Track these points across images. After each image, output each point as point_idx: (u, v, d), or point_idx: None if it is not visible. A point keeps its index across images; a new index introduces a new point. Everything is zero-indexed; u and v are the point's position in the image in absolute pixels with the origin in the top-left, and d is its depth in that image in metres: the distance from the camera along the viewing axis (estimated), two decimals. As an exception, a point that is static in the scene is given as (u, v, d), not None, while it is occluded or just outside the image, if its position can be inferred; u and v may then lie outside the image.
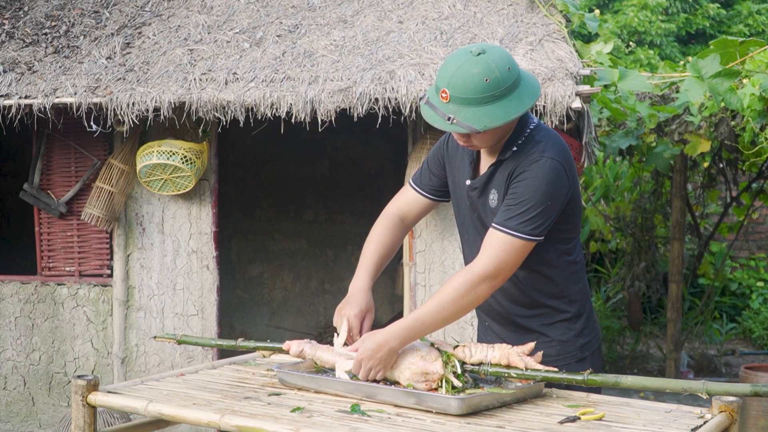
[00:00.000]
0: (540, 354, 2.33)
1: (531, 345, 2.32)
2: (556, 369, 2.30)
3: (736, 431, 2.11)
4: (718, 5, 12.56)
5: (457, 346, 2.35)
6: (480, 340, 2.76)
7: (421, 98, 2.41)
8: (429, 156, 2.72)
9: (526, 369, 2.26)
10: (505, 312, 2.60)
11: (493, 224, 2.40)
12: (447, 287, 2.37)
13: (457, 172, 2.60)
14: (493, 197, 2.48)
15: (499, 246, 2.36)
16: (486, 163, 2.53)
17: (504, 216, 2.38)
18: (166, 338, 2.73)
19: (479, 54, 2.31)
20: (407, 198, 2.74)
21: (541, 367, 2.28)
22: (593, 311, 2.68)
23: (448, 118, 2.32)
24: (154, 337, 2.88)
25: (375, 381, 2.34)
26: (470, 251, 2.63)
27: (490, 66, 2.30)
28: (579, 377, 2.24)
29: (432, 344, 2.37)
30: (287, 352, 2.56)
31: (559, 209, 2.42)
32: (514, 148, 2.44)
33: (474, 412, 2.14)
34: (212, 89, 4.70)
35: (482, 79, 2.29)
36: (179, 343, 2.73)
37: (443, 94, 2.32)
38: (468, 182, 2.55)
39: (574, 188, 2.48)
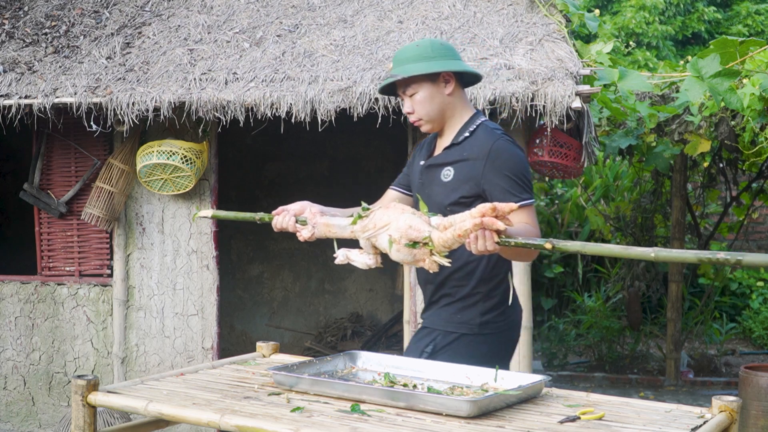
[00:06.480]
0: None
1: (513, 206, 2.27)
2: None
3: (736, 431, 2.11)
4: (714, 8, 12.56)
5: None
6: (417, 343, 2.87)
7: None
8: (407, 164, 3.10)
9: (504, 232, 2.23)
10: (462, 292, 2.80)
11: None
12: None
13: (416, 166, 2.95)
14: (447, 173, 2.78)
15: (531, 217, 2.65)
16: (441, 149, 2.88)
17: (514, 196, 2.63)
18: (203, 215, 2.89)
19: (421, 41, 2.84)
20: (386, 197, 3.06)
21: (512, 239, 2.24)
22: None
23: (391, 76, 2.74)
24: (193, 217, 3.13)
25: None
26: None
27: (426, 40, 2.79)
28: (543, 241, 2.18)
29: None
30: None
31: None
32: (467, 134, 2.79)
33: (483, 414, 2.12)
34: (212, 89, 4.70)
35: (418, 44, 2.76)
36: (213, 217, 2.91)
37: (389, 67, 2.80)
38: (422, 162, 2.89)
39: None
